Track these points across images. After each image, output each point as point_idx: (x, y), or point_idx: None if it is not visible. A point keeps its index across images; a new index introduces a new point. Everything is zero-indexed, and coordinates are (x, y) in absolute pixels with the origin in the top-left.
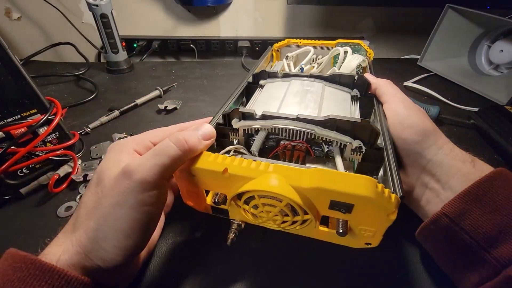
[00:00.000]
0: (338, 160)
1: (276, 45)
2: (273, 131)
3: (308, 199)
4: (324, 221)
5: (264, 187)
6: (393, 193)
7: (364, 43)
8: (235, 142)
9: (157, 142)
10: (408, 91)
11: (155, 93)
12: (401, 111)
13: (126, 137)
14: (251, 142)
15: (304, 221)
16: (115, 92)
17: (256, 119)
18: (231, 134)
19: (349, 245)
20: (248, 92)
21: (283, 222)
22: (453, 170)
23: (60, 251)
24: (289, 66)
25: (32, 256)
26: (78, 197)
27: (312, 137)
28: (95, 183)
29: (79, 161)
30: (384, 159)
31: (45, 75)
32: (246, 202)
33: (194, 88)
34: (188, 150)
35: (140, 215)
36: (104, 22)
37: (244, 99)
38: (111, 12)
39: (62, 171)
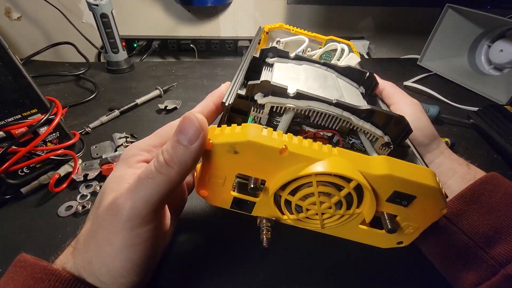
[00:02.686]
0: (374, 154)
1: (266, 27)
2: (302, 113)
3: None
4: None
5: (336, 169)
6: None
7: (354, 46)
8: (249, 121)
9: None
10: (408, 90)
11: (155, 92)
12: (410, 113)
13: (126, 137)
14: (274, 122)
15: (350, 216)
16: (115, 92)
17: (288, 97)
18: (253, 110)
19: (379, 245)
20: (250, 69)
21: (329, 217)
22: (451, 172)
23: (66, 270)
24: None
25: (54, 267)
26: (78, 197)
27: (345, 125)
28: (97, 205)
29: (80, 161)
30: (414, 158)
31: (46, 74)
32: (292, 193)
33: (194, 88)
34: (176, 172)
35: (132, 255)
36: (104, 22)
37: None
38: (111, 12)
39: (63, 170)
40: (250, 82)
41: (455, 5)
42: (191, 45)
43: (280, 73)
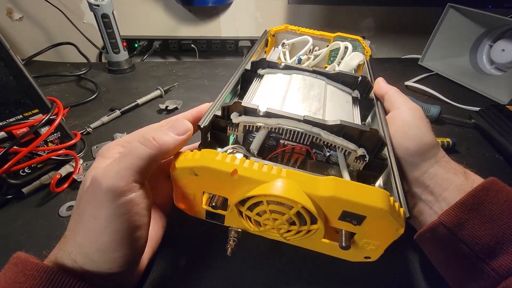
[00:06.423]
0: (344, 170)
1: (272, 29)
2: (275, 130)
3: (320, 209)
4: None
5: (277, 191)
6: (401, 207)
7: (364, 41)
8: (231, 138)
9: None
10: (409, 90)
11: (156, 93)
12: (409, 120)
13: None
14: (250, 139)
15: (308, 231)
16: (116, 92)
17: (259, 116)
18: (229, 129)
19: (347, 258)
20: (244, 80)
21: (287, 231)
22: (447, 183)
23: (60, 262)
24: (284, 54)
25: (45, 264)
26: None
27: (316, 140)
28: (80, 193)
29: (81, 161)
30: (390, 171)
31: (47, 75)
32: (250, 208)
33: (195, 88)
34: (158, 148)
35: (119, 226)
36: (105, 22)
37: (239, 87)
38: (112, 12)
39: (64, 170)
40: (223, 105)
41: (456, 5)
42: (192, 45)
43: (265, 86)
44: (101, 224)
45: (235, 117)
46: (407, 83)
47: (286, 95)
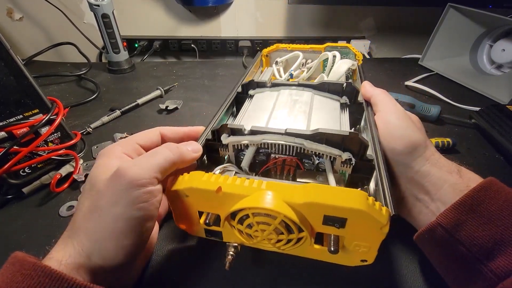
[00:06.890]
0: (330, 174)
1: (265, 51)
2: (262, 146)
3: (302, 216)
4: (318, 240)
5: (257, 203)
6: (383, 206)
7: (353, 46)
8: (225, 158)
9: (144, 144)
10: (409, 90)
11: (156, 93)
12: (393, 122)
13: (127, 137)
14: (241, 157)
15: (299, 240)
16: (117, 92)
17: (244, 135)
18: (221, 150)
19: (344, 263)
20: (238, 102)
21: (278, 241)
22: (441, 182)
23: (62, 256)
24: (278, 71)
25: (42, 263)
26: (79, 197)
27: (302, 150)
28: (88, 189)
29: (81, 161)
30: (376, 171)
31: (47, 75)
32: (240, 222)
33: (195, 88)
34: (180, 155)
35: (136, 212)
36: (105, 22)
37: (234, 108)
38: (113, 12)
39: (64, 170)
40: (212, 129)
41: (456, 5)
42: (192, 45)
43: (254, 105)
44: (120, 210)
45: (224, 139)
46: (407, 83)
47: (273, 111)
